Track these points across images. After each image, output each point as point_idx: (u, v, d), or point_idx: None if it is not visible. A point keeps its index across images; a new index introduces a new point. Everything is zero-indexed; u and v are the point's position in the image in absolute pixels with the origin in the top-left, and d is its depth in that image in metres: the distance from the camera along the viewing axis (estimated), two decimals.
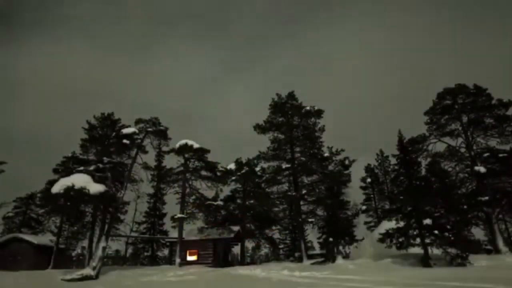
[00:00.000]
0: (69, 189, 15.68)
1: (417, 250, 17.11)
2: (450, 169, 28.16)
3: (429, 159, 28.66)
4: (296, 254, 29.24)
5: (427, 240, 16.48)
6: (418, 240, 16.72)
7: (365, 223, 39.21)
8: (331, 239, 21.49)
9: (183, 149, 27.58)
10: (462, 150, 27.65)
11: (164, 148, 29.11)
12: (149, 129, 22.25)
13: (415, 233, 16.93)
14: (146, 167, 25.15)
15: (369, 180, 39.31)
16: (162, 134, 23.76)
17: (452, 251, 15.83)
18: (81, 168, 23.06)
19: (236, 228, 28.96)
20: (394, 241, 17.42)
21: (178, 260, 25.09)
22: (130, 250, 39.18)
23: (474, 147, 27.09)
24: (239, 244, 31.43)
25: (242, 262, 30.09)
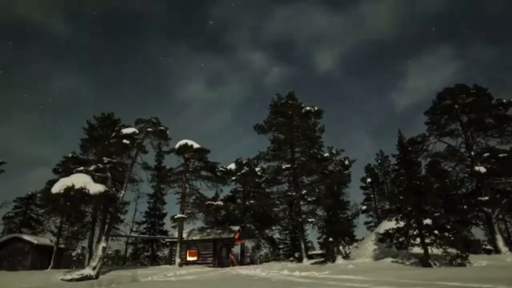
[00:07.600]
0: (69, 189, 15.63)
1: (417, 250, 17.14)
2: (450, 169, 28.22)
3: (429, 159, 28.75)
4: (296, 254, 29.25)
5: (427, 240, 16.49)
6: (418, 240, 16.74)
7: (365, 223, 39.35)
8: (331, 239, 21.48)
9: (183, 149, 27.61)
10: (462, 150, 27.67)
11: (164, 148, 29.12)
12: (149, 129, 22.22)
13: (415, 233, 16.95)
14: (146, 167, 25.17)
15: (369, 180, 39.38)
16: (162, 134, 23.73)
17: (452, 251, 15.85)
18: (81, 168, 23.08)
19: (236, 228, 29.00)
20: (394, 241, 17.47)
21: (178, 260, 25.13)
22: (130, 250, 39.25)
23: (474, 147, 27.10)
24: (239, 244, 31.49)
25: (242, 262, 30.15)
